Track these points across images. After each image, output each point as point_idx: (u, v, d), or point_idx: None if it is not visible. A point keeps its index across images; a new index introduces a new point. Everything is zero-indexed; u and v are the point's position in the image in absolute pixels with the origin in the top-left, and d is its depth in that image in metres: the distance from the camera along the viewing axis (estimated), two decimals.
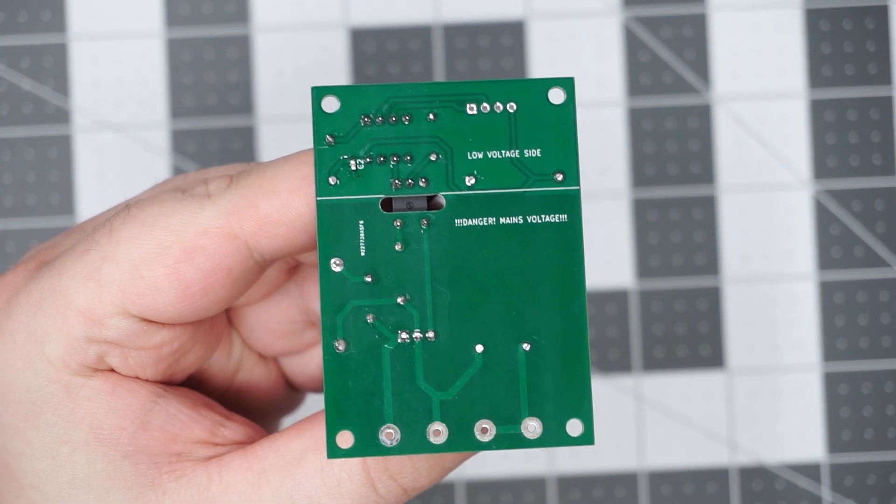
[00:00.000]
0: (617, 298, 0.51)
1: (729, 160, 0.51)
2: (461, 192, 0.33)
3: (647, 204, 0.51)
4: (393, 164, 0.33)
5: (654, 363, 0.51)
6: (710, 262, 0.51)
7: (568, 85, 0.33)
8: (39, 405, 0.35)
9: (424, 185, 0.33)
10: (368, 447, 0.32)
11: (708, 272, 0.51)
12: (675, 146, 0.51)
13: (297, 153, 0.34)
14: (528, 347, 0.32)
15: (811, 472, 0.50)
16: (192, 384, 0.38)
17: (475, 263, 0.32)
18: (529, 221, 0.32)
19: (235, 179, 0.34)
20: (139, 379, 0.35)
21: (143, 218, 0.34)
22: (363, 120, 0.33)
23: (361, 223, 0.32)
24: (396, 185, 0.32)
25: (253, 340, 0.39)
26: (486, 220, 0.32)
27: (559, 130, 0.33)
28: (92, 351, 0.34)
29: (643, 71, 0.51)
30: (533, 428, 0.32)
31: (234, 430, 0.36)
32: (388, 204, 0.33)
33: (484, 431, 0.32)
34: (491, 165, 0.33)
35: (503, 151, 0.33)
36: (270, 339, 0.39)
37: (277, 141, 0.51)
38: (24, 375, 0.35)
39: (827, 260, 0.51)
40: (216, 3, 0.51)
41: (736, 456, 0.51)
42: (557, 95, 0.33)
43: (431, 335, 0.32)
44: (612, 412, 0.51)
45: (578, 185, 0.33)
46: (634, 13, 0.51)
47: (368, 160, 0.33)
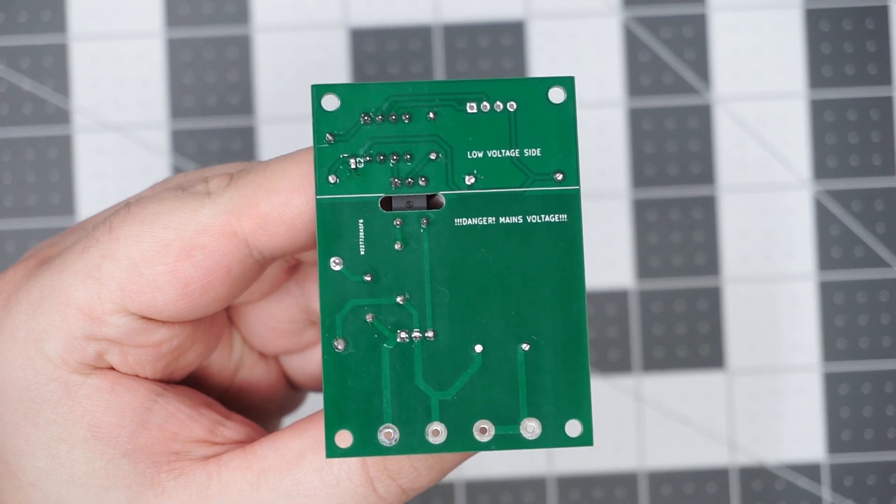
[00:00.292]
0: (617, 298, 0.51)
1: (729, 160, 0.51)
2: (461, 191, 0.32)
3: (647, 204, 0.51)
4: (393, 162, 0.32)
5: (654, 363, 0.51)
6: (710, 262, 0.51)
7: (568, 84, 0.33)
8: (39, 403, 0.35)
9: (424, 183, 0.32)
10: (367, 447, 0.32)
11: (708, 272, 0.51)
12: (675, 146, 0.51)
13: (297, 151, 0.34)
14: (527, 348, 0.32)
15: (811, 472, 0.50)
16: (191, 382, 0.38)
17: (475, 263, 0.32)
18: (529, 221, 0.32)
19: (235, 178, 0.34)
20: (138, 377, 0.35)
21: (142, 216, 0.34)
22: (363, 118, 0.33)
23: (361, 222, 0.32)
24: (396, 183, 0.32)
25: (253, 339, 0.39)
26: (485, 219, 0.32)
27: (559, 130, 0.33)
28: (91, 349, 0.34)
29: (643, 71, 0.51)
30: (532, 428, 0.32)
31: (233, 429, 0.36)
32: (387, 203, 0.32)
33: (483, 432, 0.32)
34: (491, 165, 0.32)
35: (503, 151, 0.33)
36: (271, 337, 0.39)
37: (277, 141, 0.51)
38: (23, 373, 0.35)
39: (827, 260, 0.51)
40: (216, 3, 0.51)
41: (736, 456, 0.51)
42: (558, 94, 0.33)
43: (431, 335, 0.32)
44: (612, 412, 0.51)
45: (578, 184, 0.32)
46: (634, 13, 0.51)
47: (368, 159, 0.32)
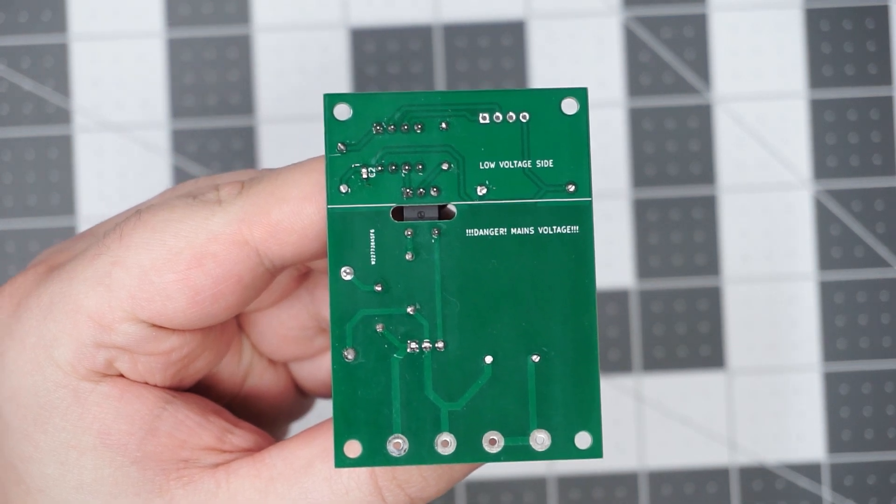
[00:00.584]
0: (617, 298, 0.51)
1: (729, 160, 0.51)
2: (472, 201, 0.32)
3: (647, 204, 0.51)
4: (405, 172, 0.32)
5: (654, 363, 0.51)
6: (710, 262, 0.51)
7: (581, 95, 0.33)
8: (48, 409, 0.35)
9: (436, 194, 0.32)
10: (376, 457, 0.32)
11: (708, 272, 0.51)
12: (675, 146, 0.51)
13: (308, 160, 0.34)
14: (537, 359, 0.32)
15: (811, 472, 0.51)
16: (201, 389, 0.38)
17: (486, 274, 0.32)
18: (541, 232, 0.32)
19: (247, 186, 0.34)
20: (148, 384, 0.35)
21: (153, 223, 0.34)
22: (375, 128, 0.32)
23: (372, 232, 0.32)
24: (408, 193, 0.32)
25: (263, 346, 0.39)
26: (497, 230, 0.32)
27: (572, 141, 0.32)
28: (101, 356, 0.34)
29: (643, 71, 0.51)
30: (541, 440, 0.32)
31: (242, 436, 0.36)
32: (399, 213, 0.32)
33: (492, 443, 0.32)
34: (503, 175, 0.32)
35: (515, 161, 0.32)
36: (281, 344, 0.39)
37: (278, 141, 0.51)
38: (32, 379, 0.35)
39: (827, 260, 0.51)
40: (216, 3, 0.51)
41: (736, 456, 0.51)
42: (570, 106, 0.33)
43: (441, 345, 0.32)
44: (612, 412, 0.51)
45: (591, 196, 0.32)
46: (634, 13, 0.51)
47: (380, 168, 0.32)
